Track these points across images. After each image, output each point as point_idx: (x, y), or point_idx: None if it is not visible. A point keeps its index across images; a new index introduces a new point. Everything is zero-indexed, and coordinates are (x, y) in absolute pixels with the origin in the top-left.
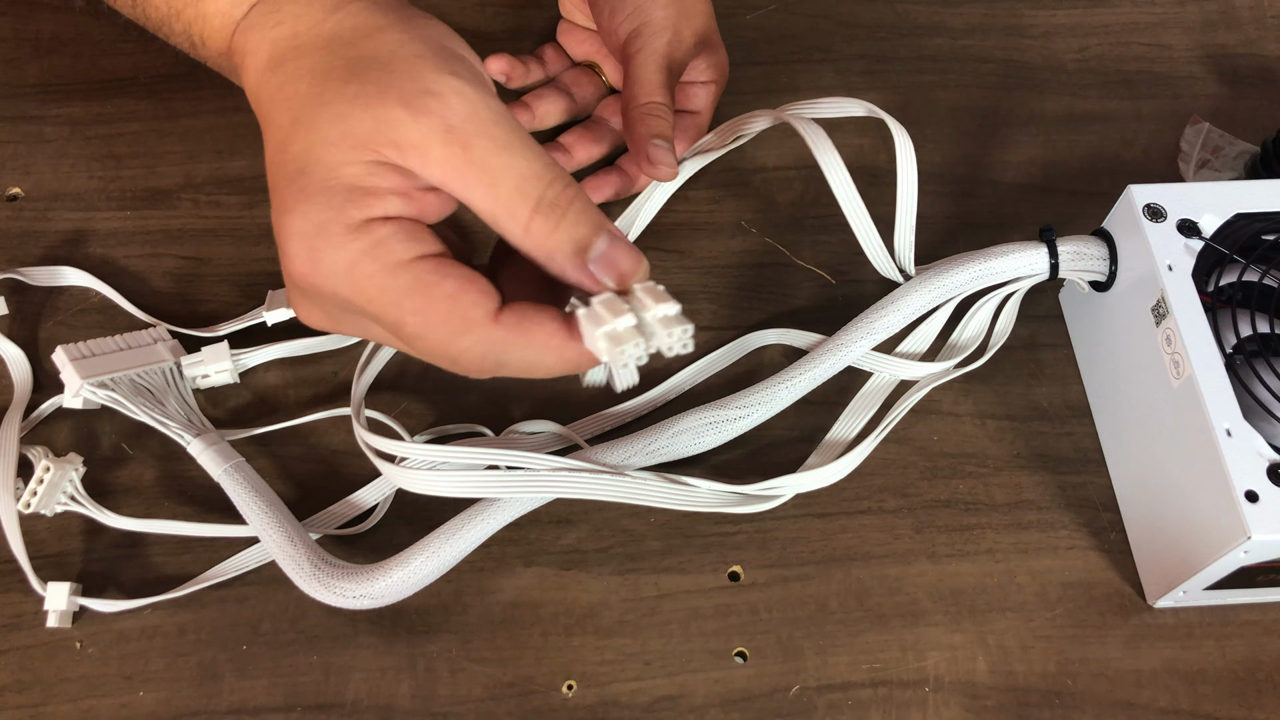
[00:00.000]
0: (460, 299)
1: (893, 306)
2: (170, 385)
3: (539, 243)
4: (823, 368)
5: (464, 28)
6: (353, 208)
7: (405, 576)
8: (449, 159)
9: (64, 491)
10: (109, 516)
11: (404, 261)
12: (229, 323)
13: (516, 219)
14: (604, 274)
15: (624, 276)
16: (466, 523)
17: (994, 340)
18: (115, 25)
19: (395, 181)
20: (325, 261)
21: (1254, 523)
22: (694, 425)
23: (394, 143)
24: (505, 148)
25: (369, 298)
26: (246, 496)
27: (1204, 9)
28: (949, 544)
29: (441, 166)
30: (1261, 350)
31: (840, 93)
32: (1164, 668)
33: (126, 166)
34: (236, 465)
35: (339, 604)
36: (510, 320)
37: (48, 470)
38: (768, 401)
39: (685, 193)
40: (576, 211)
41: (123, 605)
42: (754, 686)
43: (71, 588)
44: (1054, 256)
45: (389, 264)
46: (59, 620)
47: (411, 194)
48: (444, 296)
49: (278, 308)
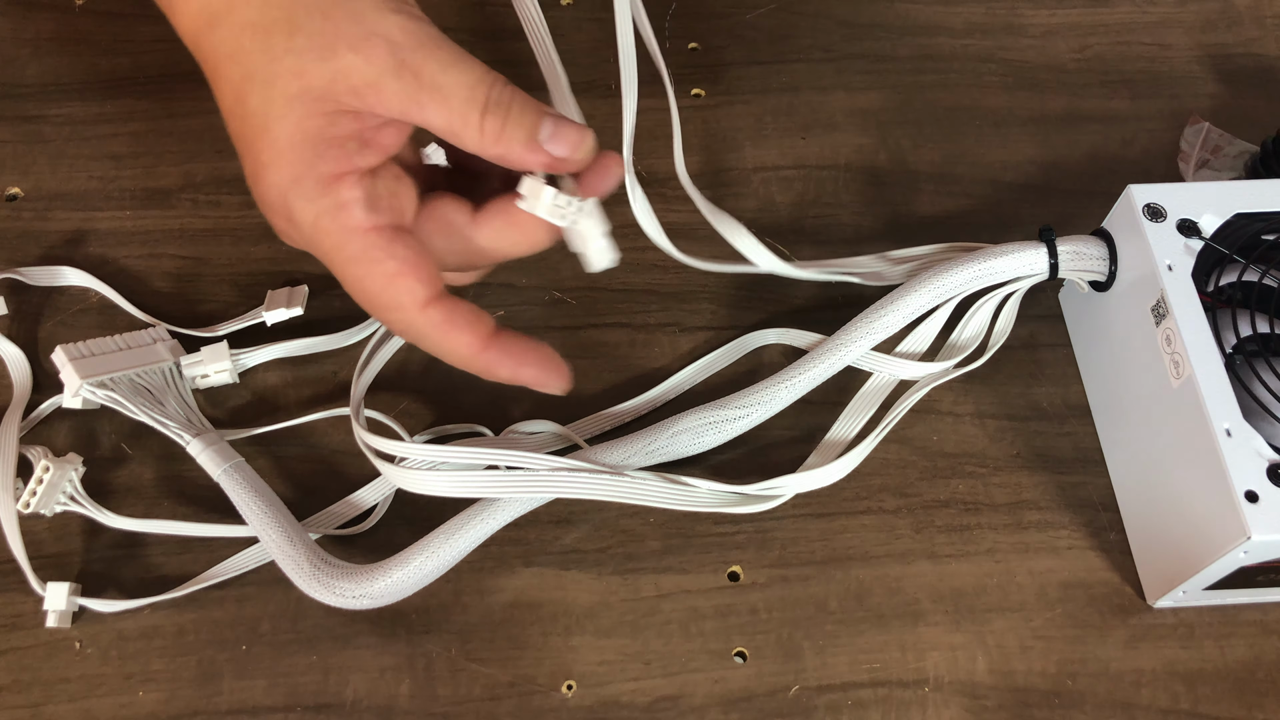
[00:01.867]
0: (395, 283)
1: (892, 307)
2: (170, 385)
3: (494, 140)
4: (822, 367)
5: (462, 28)
6: (322, 162)
7: (405, 576)
8: (404, 89)
9: (63, 491)
10: (108, 516)
11: (359, 229)
12: (228, 323)
13: (470, 125)
14: (557, 148)
15: (575, 145)
16: (466, 522)
17: (994, 340)
18: (115, 25)
19: (353, 126)
20: (297, 212)
21: (1254, 523)
22: (693, 425)
23: (352, 89)
24: (451, 65)
25: (324, 251)
26: (245, 496)
27: (1204, 9)
28: (949, 544)
29: (399, 98)
30: (1261, 350)
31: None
32: (1164, 668)
33: (126, 166)
34: (236, 465)
35: (339, 604)
36: (435, 316)
37: (47, 470)
38: (768, 401)
39: (684, 191)
40: (519, 104)
41: (122, 605)
42: (754, 686)
43: (71, 588)
44: (1053, 256)
45: (346, 227)
46: (58, 620)
47: (368, 134)
48: (382, 275)
49: (277, 307)
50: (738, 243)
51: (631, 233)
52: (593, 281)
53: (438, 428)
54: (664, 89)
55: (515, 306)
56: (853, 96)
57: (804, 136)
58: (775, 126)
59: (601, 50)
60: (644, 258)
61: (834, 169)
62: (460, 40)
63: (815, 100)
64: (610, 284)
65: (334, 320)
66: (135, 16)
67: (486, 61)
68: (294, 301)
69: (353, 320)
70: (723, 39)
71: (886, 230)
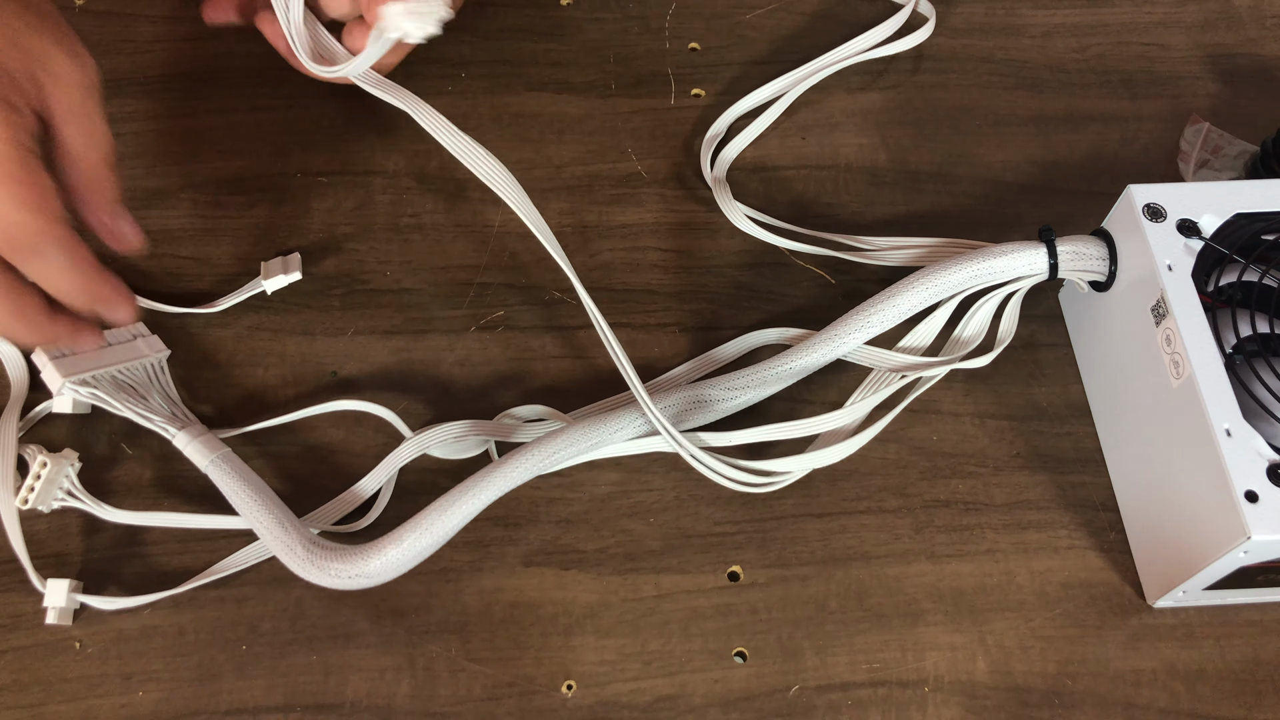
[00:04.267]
0: None
1: (889, 301)
2: (153, 380)
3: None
4: (815, 356)
5: (462, 28)
6: None
7: (400, 554)
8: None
9: (61, 487)
10: (106, 510)
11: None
12: (229, 296)
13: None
14: None
15: None
16: (458, 498)
17: (999, 340)
18: (115, 25)
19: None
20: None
21: (1254, 523)
22: (678, 403)
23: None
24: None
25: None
26: (235, 485)
27: (1204, 9)
28: (949, 544)
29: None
30: (1261, 350)
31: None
32: (1164, 668)
33: (126, 166)
34: (223, 456)
35: (335, 584)
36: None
37: (44, 466)
38: (756, 385)
39: (684, 192)
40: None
41: (123, 603)
42: (754, 686)
43: (71, 585)
44: (1053, 256)
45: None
46: (59, 617)
47: None
48: None
49: (274, 275)
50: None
51: (632, 233)
52: (593, 282)
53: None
54: (664, 89)
55: (515, 307)
56: (853, 96)
57: (804, 136)
58: (775, 126)
59: (601, 50)
60: (644, 258)
61: (834, 169)
62: (460, 40)
63: (815, 100)
64: (610, 284)
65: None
66: (135, 16)
67: (486, 61)
68: (290, 268)
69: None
70: (723, 39)
71: (886, 230)
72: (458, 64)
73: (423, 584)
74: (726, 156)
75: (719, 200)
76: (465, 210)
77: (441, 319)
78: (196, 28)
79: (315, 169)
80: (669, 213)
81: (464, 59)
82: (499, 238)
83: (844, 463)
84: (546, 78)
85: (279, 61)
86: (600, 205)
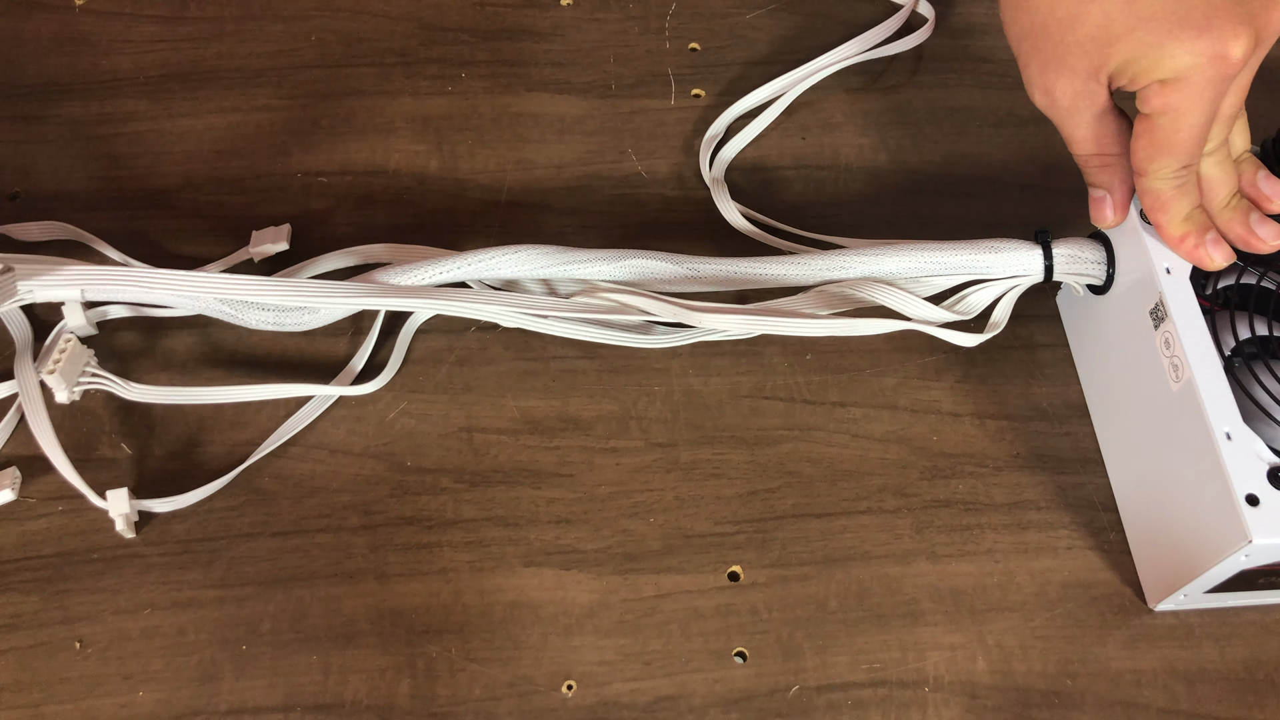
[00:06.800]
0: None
1: (871, 253)
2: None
3: None
4: (783, 269)
5: (463, 28)
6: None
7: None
8: None
9: (85, 366)
10: (132, 389)
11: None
12: (215, 264)
13: None
14: None
15: None
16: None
17: (990, 327)
18: (115, 25)
19: None
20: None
21: (1255, 526)
22: (639, 264)
23: None
24: None
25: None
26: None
27: None
28: (949, 544)
29: None
30: (1260, 353)
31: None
32: (1164, 668)
33: (126, 166)
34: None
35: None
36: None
37: (63, 351)
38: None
39: (683, 193)
40: None
41: (181, 502)
42: (754, 686)
43: (129, 493)
44: (1048, 259)
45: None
46: (125, 525)
47: None
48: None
49: (263, 244)
50: None
51: (632, 233)
52: None
53: None
54: (664, 89)
55: None
56: (852, 97)
57: (804, 136)
58: (775, 127)
59: (601, 50)
60: None
61: (833, 169)
62: (460, 40)
63: (815, 100)
64: None
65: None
66: (135, 16)
67: (487, 61)
68: (279, 238)
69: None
70: (723, 39)
71: (886, 231)
72: (458, 64)
73: (423, 584)
74: (725, 157)
75: (716, 200)
76: (465, 210)
77: (441, 318)
78: (196, 28)
79: (315, 169)
80: (669, 212)
81: (464, 59)
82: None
83: (844, 463)
84: (546, 78)
85: (279, 61)
86: (600, 205)
